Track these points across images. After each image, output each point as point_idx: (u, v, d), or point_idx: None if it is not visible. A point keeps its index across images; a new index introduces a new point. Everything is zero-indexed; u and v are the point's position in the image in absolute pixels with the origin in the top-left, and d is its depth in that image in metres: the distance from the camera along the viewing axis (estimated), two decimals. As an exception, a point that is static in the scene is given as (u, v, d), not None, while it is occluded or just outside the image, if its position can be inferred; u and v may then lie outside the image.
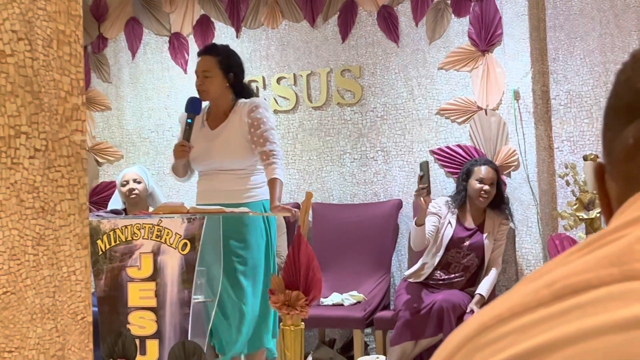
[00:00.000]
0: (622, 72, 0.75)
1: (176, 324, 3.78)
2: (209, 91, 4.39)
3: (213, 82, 4.39)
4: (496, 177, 5.03)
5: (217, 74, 4.39)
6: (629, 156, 0.69)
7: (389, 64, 5.88)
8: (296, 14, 6.16)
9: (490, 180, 4.99)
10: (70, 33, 2.10)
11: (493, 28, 5.51)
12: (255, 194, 4.34)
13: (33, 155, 1.99)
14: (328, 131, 6.04)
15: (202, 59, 4.45)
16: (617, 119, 0.72)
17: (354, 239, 5.64)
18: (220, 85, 4.40)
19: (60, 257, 2.06)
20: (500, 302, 0.62)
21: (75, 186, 2.10)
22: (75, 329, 2.11)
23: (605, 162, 0.75)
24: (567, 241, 4.72)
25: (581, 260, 0.60)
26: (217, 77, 4.40)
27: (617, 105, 0.73)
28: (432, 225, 4.97)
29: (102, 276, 3.90)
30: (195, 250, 3.76)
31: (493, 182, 5.01)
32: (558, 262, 0.62)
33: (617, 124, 0.72)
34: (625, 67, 0.75)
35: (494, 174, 5.02)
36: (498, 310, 0.60)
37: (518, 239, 5.30)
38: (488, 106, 5.54)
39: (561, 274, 0.59)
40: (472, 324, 0.61)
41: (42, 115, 2.01)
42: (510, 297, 0.61)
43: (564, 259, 0.62)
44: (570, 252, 0.63)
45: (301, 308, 3.53)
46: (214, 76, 4.39)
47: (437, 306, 4.68)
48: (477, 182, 4.99)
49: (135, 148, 6.67)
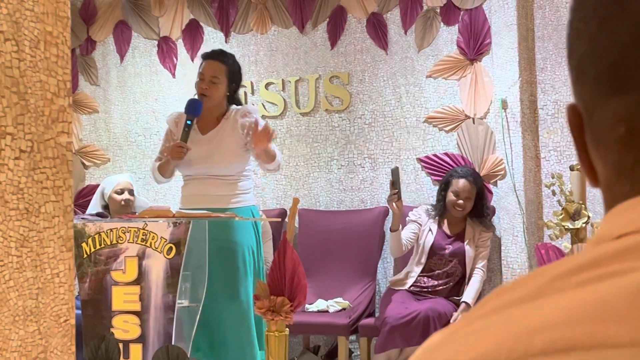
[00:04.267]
0: (593, 5, 0.58)
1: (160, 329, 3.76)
2: (212, 97, 4.37)
3: (219, 89, 4.37)
4: (475, 190, 5.05)
5: (224, 82, 4.38)
6: (621, 146, 0.55)
7: (377, 71, 5.88)
8: (285, 20, 6.16)
9: (467, 194, 5.02)
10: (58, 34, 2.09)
11: (482, 37, 5.53)
12: (244, 199, 4.34)
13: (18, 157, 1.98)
14: (316, 137, 6.04)
15: (212, 64, 4.41)
16: (595, 81, 0.57)
17: (340, 246, 5.64)
18: (224, 93, 4.40)
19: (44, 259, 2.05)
20: (474, 339, 0.49)
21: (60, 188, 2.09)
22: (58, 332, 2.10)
23: (584, 127, 0.60)
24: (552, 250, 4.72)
25: (575, 296, 0.47)
26: (223, 85, 4.39)
27: (593, 59, 0.57)
28: (410, 233, 5.07)
29: (87, 279, 3.88)
30: (181, 254, 3.75)
31: (470, 196, 5.04)
32: (543, 288, 0.49)
33: (596, 89, 0.57)
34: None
35: (471, 188, 5.04)
36: (475, 354, 0.47)
37: (504, 248, 5.30)
38: (476, 115, 5.55)
39: (550, 318, 0.46)
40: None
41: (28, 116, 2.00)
42: (487, 333, 0.48)
43: (550, 284, 0.49)
44: (559, 272, 0.50)
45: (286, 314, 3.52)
46: (220, 83, 4.37)
47: (422, 315, 4.69)
48: (452, 195, 5.04)
49: (122, 151, 6.66)
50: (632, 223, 0.51)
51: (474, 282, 5.00)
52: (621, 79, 0.54)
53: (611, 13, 0.55)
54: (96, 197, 5.55)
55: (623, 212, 0.53)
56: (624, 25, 0.54)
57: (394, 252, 5.06)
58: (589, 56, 0.57)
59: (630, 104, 0.54)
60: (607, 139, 0.57)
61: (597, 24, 0.56)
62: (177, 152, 4.28)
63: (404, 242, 5.02)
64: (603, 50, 0.55)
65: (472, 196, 5.04)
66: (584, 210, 4.35)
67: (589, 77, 0.57)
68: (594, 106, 0.57)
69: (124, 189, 5.41)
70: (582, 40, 0.58)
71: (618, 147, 0.56)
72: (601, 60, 0.56)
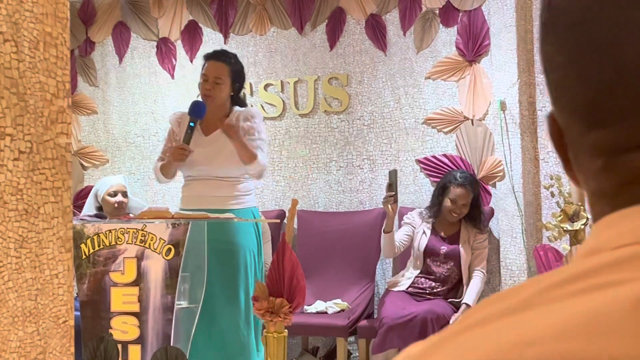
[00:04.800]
0: (562, 34, 0.55)
1: (159, 330, 3.76)
2: (216, 98, 4.36)
3: (222, 89, 4.36)
4: (471, 196, 5.06)
5: (227, 83, 4.37)
6: (600, 176, 0.55)
7: (376, 72, 5.88)
8: (284, 21, 6.16)
9: (463, 201, 5.04)
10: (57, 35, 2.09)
11: (481, 39, 5.53)
12: (245, 201, 4.34)
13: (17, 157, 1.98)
14: (314, 139, 6.04)
15: (215, 65, 4.40)
16: (572, 113, 0.56)
17: (338, 247, 5.64)
18: (226, 94, 4.39)
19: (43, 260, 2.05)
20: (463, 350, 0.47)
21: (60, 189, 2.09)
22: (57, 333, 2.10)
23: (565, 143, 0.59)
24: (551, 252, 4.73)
25: (569, 307, 0.45)
26: (227, 86, 4.37)
27: (567, 91, 0.55)
28: (404, 235, 5.11)
29: (85, 280, 3.88)
30: (179, 255, 3.75)
31: (466, 202, 5.05)
32: (534, 298, 0.47)
33: (573, 120, 0.56)
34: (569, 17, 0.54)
35: (468, 195, 5.05)
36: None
37: (502, 249, 5.30)
38: (474, 116, 5.55)
39: (544, 329, 0.44)
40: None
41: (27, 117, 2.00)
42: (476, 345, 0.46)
43: (542, 294, 0.47)
44: (551, 282, 0.48)
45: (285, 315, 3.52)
46: (224, 84, 4.36)
47: (421, 316, 4.69)
48: (450, 202, 5.05)
49: (121, 152, 6.66)
50: (624, 236, 0.49)
51: (475, 284, 5.00)
52: (598, 116, 0.53)
53: (581, 46, 0.53)
54: (90, 199, 5.55)
55: (611, 225, 0.52)
56: (596, 63, 0.52)
57: (386, 253, 5.10)
58: (562, 86, 0.56)
59: (608, 139, 0.53)
60: (586, 168, 0.56)
61: (567, 56, 0.54)
62: (179, 154, 4.28)
63: (396, 244, 5.04)
64: (577, 84, 0.54)
65: (468, 202, 5.06)
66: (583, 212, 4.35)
67: (564, 106, 0.56)
68: (573, 135, 0.57)
69: (117, 191, 5.41)
70: (554, 67, 0.56)
71: (597, 177, 0.55)
72: (576, 95, 0.54)
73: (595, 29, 0.52)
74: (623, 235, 0.49)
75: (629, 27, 0.50)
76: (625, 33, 0.50)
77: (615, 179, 0.53)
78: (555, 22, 0.55)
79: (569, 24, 0.54)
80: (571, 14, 0.54)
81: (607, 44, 0.51)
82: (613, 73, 0.51)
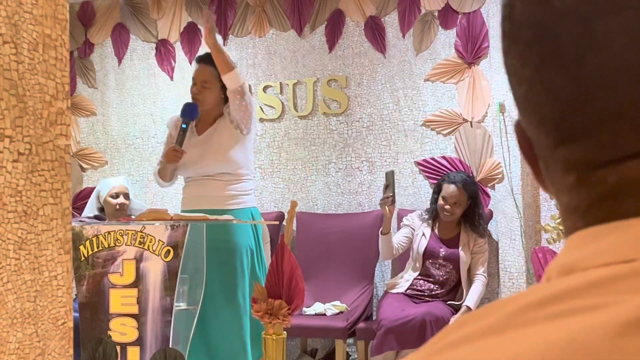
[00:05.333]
0: (526, 47, 0.53)
1: (158, 331, 3.76)
2: (205, 101, 4.36)
3: (210, 93, 4.36)
4: (465, 196, 5.05)
5: (216, 86, 4.36)
6: (572, 192, 0.53)
7: (375, 74, 5.89)
8: (284, 23, 6.16)
9: (454, 200, 5.03)
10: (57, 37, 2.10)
11: (480, 41, 5.53)
12: (243, 201, 4.33)
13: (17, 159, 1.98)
14: (313, 140, 6.04)
15: (202, 68, 4.39)
16: (539, 128, 0.54)
17: (337, 249, 5.64)
18: (217, 97, 4.38)
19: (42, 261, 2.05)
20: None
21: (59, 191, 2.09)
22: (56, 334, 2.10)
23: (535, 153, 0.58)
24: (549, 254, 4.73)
25: (546, 331, 0.43)
26: (215, 89, 4.36)
27: (533, 107, 0.54)
28: (403, 237, 5.12)
29: (84, 282, 3.88)
30: (178, 257, 3.75)
31: (458, 201, 5.04)
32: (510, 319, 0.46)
33: (541, 134, 0.54)
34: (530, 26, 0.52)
35: (460, 194, 5.04)
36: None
37: (501, 251, 5.31)
38: (473, 118, 5.56)
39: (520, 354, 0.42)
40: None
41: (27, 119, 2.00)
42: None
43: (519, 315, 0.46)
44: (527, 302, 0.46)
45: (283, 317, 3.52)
46: (212, 87, 4.35)
47: (419, 318, 4.69)
48: (441, 199, 5.06)
49: (120, 154, 6.65)
50: (600, 254, 0.48)
51: (476, 288, 5.00)
52: (566, 131, 0.52)
53: (545, 61, 0.52)
54: (92, 200, 5.56)
55: (586, 242, 0.50)
56: (561, 79, 0.51)
57: (384, 255, 5.12)
58: (528, 100, 0.54)
59: (578, 154, 0.52)
60: (558, 182, 0.55)
61: (532, 71, 0.53)
62: (172, 155, 4.27)
63: (395, 246, 5.05)
64: (544, 100, 0.53)
65: (461, 202, 5.05)
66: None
67: (531, 120, 0.55)
68: (542, 148, 0.56)
69: (119, 192, 5.42)
70: (520, 81, 0.55)
71: (569, 191, 0.54)
72: (543, 110, 0.53)
73: (558, 43, 0.50)
74: (599, 254, 0.48)
75: (592, 41, 0.49)
76: (588, 47, 0.49)
77: (587, 195, 0.52)
78: (517, 34, 0.54)
79: (531, 38, 0.52)
80: (533, 28, 0.52)
81: (571, 59, 0.50)
82: (578, 88, 0.50)
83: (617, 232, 0.48)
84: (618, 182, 0.50)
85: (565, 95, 0.51)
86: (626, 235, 0.48)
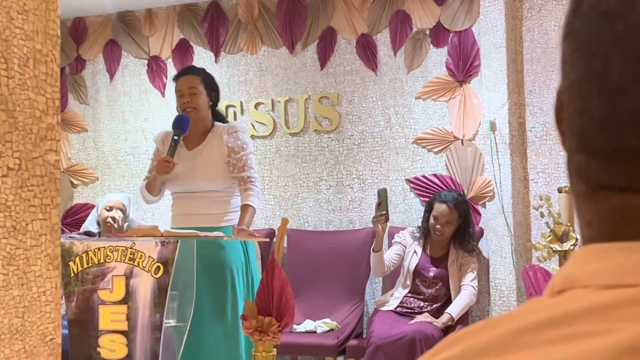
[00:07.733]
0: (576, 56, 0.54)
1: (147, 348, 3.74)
2: (198, 107, 4.35)
3: (201, 98, 4.36)
4: (456, 215, 5.07)
5: (203, 91, 4.37)
6: (582, 200, 0.55)
7: (366, 92, 5.90)
8: (275, 41, 6.18)
9: (446, 219, 5.05)
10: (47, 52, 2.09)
11: (471, 59, 5.55)
12: (234, 218, 4.31)
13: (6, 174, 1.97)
14: (305, 158, 6.05)
15: (186, 78, 4.40)
16: (568, 128, 0.55)
17: (328, 266, 5.63)
18: (206, 103, 4.39)
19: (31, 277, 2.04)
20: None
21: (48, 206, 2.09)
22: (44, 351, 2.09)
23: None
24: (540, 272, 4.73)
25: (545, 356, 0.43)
26: (204, 95, 4.37)
27: (568, 109, 0.55)
28: (394, 254, 5.13)
29: (74, 298, 3.86)
30: (168, 274, 3.73)
31: (449, 221, 5.06)
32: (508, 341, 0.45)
33: (570, 128, 0.55)
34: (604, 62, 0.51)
35: (451, 213, 5.05)
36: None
37: (492, 269, 5.31)
38: (464, 136, 5.57)
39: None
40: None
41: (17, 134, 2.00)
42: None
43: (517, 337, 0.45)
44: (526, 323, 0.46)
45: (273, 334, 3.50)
46: (201, 92, 4.36)
47: (409, 337, 4.68)
48: (432, 219, 5.07)
49: (111, 170, 6.65)
50: (601, 275, 0.48)
51: (462, 298, 4.99)
52: (588, 143, 0.53)
53: (591, 78, 0.52)
54: (93, 213, 5.66)
55: (590, 259, 0.50)
56: (597, 100, 0.51)
57: (376, 272, 5.13)
58: (566, 101, 0.55)
59: (591, 169, 0.53)
60: (573, 184, 0.56)
61: (576, 75, 0.53)
62: (163, 166, 4.25)
63: (386, 263, 5.06)
64: (577, 107, 0.53)
65: (452, 221, 5.06)
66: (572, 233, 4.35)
67: (569, 109, 0.56)
68: (566, 140, 0.56)
69: (113, 206, 5.46)
70: (565, 74, 0.55)
71: (579, 199, 0.55)
72: (573, 116, 0.54)
73: (606, 69, 0.51)
74: (602, 273, 0.48)
75: (628, 76, 0.49)
76: (634, 83, 0.49)
77: (594, 210, 0.53)
78: (576, 34, 0.54)
79: (585, 48, 0.53)
80: (590, 42, 0.52)
81: (613, 88, 0.50)
82: (610, 116, 0.50)
83: (624, 254, 0.48)
84: (622, 205, 0.51)
85: (597, 115, 0.51)
86: (631, 259, 0.48)
